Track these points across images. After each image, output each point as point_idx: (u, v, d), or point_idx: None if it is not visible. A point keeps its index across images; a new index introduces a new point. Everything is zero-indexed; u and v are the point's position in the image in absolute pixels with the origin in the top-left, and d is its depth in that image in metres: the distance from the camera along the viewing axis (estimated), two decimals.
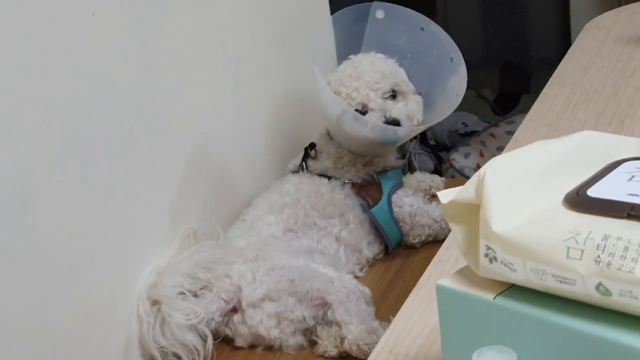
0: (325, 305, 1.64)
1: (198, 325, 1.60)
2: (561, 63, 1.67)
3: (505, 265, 0.66)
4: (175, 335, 1.59)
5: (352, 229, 1.88)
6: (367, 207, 1.92)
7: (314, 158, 1.96)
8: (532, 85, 3.60)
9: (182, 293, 1.62)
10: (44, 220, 1.41)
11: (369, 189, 1.94)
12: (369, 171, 1.94)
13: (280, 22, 2.14)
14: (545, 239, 0.64)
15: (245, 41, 1.99)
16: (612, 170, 0.70)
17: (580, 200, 0.67)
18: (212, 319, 1.64)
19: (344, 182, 1.92)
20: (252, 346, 1.67)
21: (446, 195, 0.71)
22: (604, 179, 0.69)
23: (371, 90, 1.88)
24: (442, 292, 0.72)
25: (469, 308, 0.70)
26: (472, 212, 0.69)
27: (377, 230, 1.94)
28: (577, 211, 0.66)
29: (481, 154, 2.80)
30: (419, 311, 1.01)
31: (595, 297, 0.63)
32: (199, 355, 1.61)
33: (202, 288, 1.66)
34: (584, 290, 0.63)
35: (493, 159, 0.70)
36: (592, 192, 0.67)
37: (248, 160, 2.01)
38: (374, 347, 1.54)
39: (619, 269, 0.60)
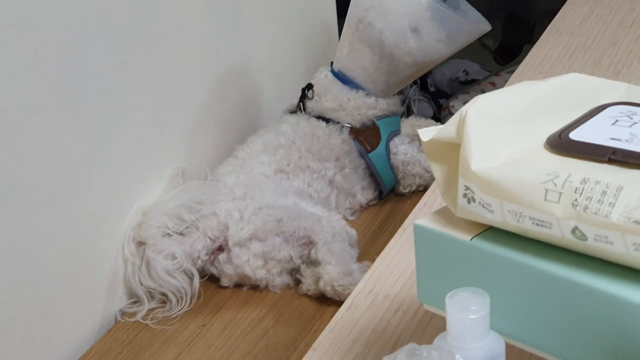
0: (310, 244, 1.64)
1: (184, 265, 1.59)
2: (560, 11, 1.65)
3: (483, 206, 0.65)
4: (160, 278, 1.59)
5: (346, 174, 1.87)
6: (364, 152, 1.90)
7: (311, 99, 1.94)
8: (534, 36, 3.57)
9: (168, 234, 1.61)
10: (29, 150, 1.40)
11: (368, 134, 1.92)
12: (370, 116, 1.92)
13: None
14: (523, 180, 0.63)
15: None
16: (596, 114, 0.69)
17: (561, 143, 0.65)
18: (198, 257, 1.63)
19: (343, 127, 1.89)
20: (238, 285, 1.66)
21: (427, 133, 0.70)
22: (588, 122, 0.68)
23: None
24: (419, 231, 0.71)
25: (446, 249, 0.69)
26: (452, 151, 0.68)
27: (372, 175, 1.92)
28: (558, 153, 0.65)
29: None
30: (401, 253, 1.01)
31: (571, 241, 0.62)
32: (185, 294, 1.60)
33: (187, 228, 1.65)
34: (560, 233, 0.62)
35: (477, 97, 0.69)
36: (575, 135, 0.66)
37: (243, 98, 1.99)
38: (349, 290, 1.54)
39: (595, 213, 0.59)
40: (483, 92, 2.82)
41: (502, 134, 0.67)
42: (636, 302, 0.59)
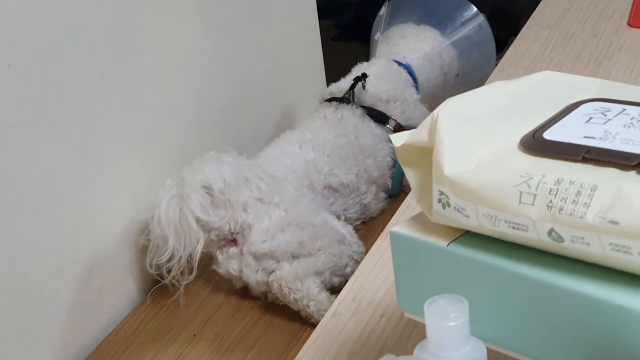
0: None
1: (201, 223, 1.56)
2: (540, 4, 1.64)
3: (458, 210, 0.64)
4: (186, 218, 1.56)
5: (380, 197, 1.88)
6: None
7: (364, 89, 1.96)
8: (520, 28, 3.57)
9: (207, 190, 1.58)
10: (9, 166, 1.39)
11: None
12: (415, 118, 1.96)
13: None
14: (497, 183, 0.62)
15: None
16: (570, 112, 0.68)
17: (535, 143, 0.64)
18: (209, 233, 1.59)
19: (388, 128, 1.91)
20: (226, 289, 1.65)
21: (399, 138, 0.68)
22: (562, 121, 0.67)
23: None
24: (395, 239, 0.70)
25: (423, 255, 0.68)
26: (425, 155, 0.67)
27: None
28: (531, 154, 0.64)
29: None
30: (385, 257, 0.99)
31: (548, 244, 0.61)
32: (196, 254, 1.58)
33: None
34: (536, 236, 0.61)
35: (447, 99, 0.68)
36: (549, 134, 0.65)
37: (227, 105, 1.98)
38: (294, 295, 1.52)
39: (570, 214, 0.58)
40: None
41: (474, 136, 0.66)
42: (615, 303, 0.58)
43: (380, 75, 1.98)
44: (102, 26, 1.56)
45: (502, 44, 3.61)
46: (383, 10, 2.36)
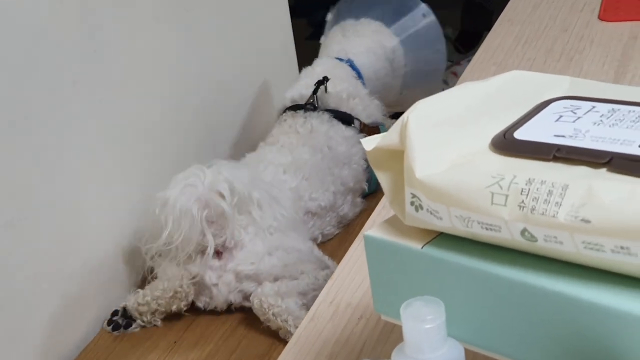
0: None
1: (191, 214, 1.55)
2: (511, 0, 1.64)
3: (431, 213, 0.64)
4: (190, 210, 1.55)
5: (357, 202, 1.89)
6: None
7: (327, 92, 1.97)
8: (493, 23, 3.58)
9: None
10: None
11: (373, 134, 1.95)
12: (376, 118, 1.97)
13: None
14: (468, 184, 0.62)
15: None
16: (540, 110, 0.68)
17: (506, 143, 0.64)
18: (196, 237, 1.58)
19: (353, 127, 1.92)
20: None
21: (370, 142, 0.68)
22: (532, 120, 0.67)
23: None
24: (370, 242, 0.70)
25: (398, 258, 0.68)
26: (396, 158, 0.67)
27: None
28: (503, 154, 0.64)
29: None
30: (362, 259, 0.99)
31: (522, 243, 0.61)
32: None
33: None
34: (509, 236, 0.61)
35: (417, 102, 0.68)
36: (519, 134, 0.65)
37: (201, 111, 1.97)
38: (273, 310, 1.52)
39: (542, 213, 0.58)
40: (445, 82, 2.87)
41: (445, 138, 0.66)
42: (590, 301, 0.58)
43: (331, 74, 1.99)
44: (73, 34, 1.55)
45: (476, 39, 3.62)
46: (329, 16, 2.37)
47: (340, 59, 2.08)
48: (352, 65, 2.08)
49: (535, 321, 0.61)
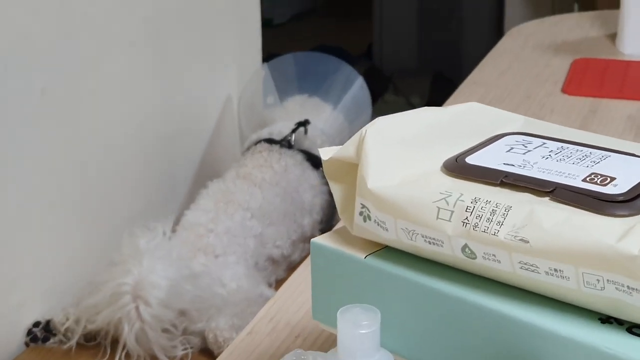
0: None
1: None
2: (480, 64, 1.68)
3: (378, 224, 0.66)
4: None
5: (306, 248, 1.92)
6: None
7: (306, 134, 1.99)
8: (389, 87, 3.65)
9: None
10: None
11: None
12: None
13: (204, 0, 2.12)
14: (417, 198, 0.64)
15: (167, 15, 1.96)
16: (493, 142, 0.71)
17: (457, 166, 0.67)
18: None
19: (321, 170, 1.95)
20: None
21: (327, 153, 0.70)
22: (485, 149, 0.69)
23: None
24: (316, 249, 0.71)
25: (341, 267, 0.70)
26: (351, 170, 0.69)
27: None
28: (453, 176, 0.66)
29: None
30: (307, 282, 1.00)
31: (461, 260, 0.63)
32: None
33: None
34: (451, 252, 0.63)
35: (377, 119, 0.70)
36: (471, 159, 0.68)
37: (167, 134, 1.99)
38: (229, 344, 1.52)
39: (484, 231, 0.61)
40: None
41: (400, 155, 0.68)
42: (523, 320, 0.60)
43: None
44: (44, 42, 1.56)
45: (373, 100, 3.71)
46: (262, 73, 2.37)
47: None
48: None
49: (469, 337, 0.63)
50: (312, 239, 0.71)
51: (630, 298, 0.56)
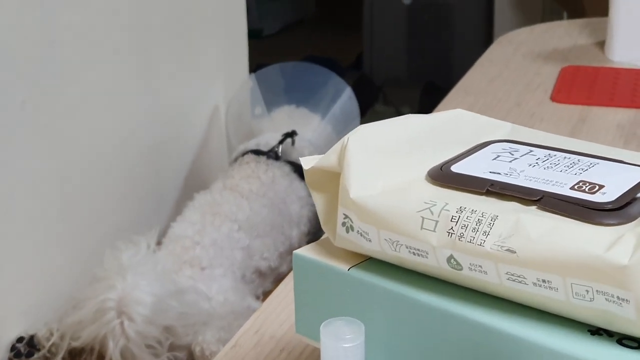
0: None
1: None
2: (469, 72, 1.67)
3: (361, 234, 0.65)
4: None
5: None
6: None
7: (293, 145, 1.98)
8: (378, 97, 3.64)
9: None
10: None
11: None
12: None
13: (190, 10, 2.11)
14: (400, 208, 0.62)
15: (152, 24, 1.95)
16: (479, 149, 0.69)
17: (442, 175, 0.65)
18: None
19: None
20: None
21: (308, 162, 0.69)
22: (470, 157, 0.68)
23: None
24: (298, 261, 0.70)
25: (324, 279, 0.68)
26: (333, 180, 0.67)
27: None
28: (438, 185, 0.64)
29: None
30: (290, 297, 0.99)
31: (447, 271, 0.61)
32: None
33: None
34: (436, 263, 0.61)
35: (359, 126, 0.68)
36: (456, 168, 0.66)
37: (147, 151, 1.97)
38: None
39: (470, 241, 0.59)
40: None
41: (383, 164, 0.66)
42: (510, 333, 0.58)
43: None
44: (27, 52, 1.55)
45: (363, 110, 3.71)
46: (249, 83, 2.37)
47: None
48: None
49: (453, 350, 0.61)
50: (295, 251, 0.69)
51: (620, 309, 0.55)
